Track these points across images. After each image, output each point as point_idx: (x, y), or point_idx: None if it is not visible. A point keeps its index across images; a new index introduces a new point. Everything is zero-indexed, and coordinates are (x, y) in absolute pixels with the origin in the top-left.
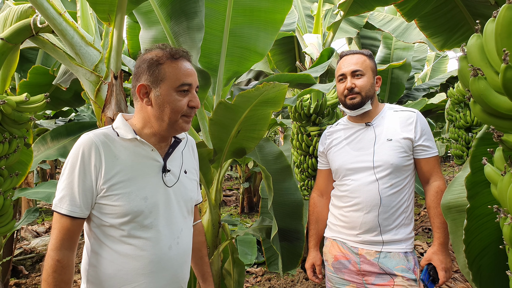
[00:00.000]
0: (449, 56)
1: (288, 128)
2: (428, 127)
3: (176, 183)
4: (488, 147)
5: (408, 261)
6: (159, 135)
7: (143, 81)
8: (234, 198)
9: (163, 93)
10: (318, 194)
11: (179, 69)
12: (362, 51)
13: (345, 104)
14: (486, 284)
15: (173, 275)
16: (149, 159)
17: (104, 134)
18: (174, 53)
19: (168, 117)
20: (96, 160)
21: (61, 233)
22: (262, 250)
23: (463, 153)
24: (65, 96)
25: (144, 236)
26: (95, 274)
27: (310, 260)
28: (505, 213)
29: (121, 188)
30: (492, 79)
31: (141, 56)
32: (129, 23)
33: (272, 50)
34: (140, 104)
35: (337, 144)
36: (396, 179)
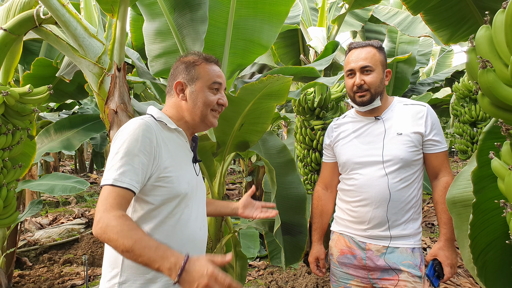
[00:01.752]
0: (454, 50)
1: (291, 122)
2: (438, 121)
3: (199, 173)
4: (496, 141)
5: (414, 257)
6: (191, 128)
7: (180, 79)
8: (237, 192)
9: (197, 90)
10: (322, 187)
11: (212, 70)
12: (372, 43)
13: (354, 100)
14: (491, 279)
15: (200, 254)
16: (185, 149)
17: (154, 122)
18: (208, 57)
19: (200, 110)
20: (155, 142)
21: (117, 199)
22: (264, 243)
23: (467, 148)
24: (69, 88)
25: (183, 217)
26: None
27: (314, 254)
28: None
29: (171, 172)
30: (501, 71)
31: (179, 59)
32: (133, 15)
33: (276, 43)
34: (174, 99)
35: (345, 137)
36: (405, 174)
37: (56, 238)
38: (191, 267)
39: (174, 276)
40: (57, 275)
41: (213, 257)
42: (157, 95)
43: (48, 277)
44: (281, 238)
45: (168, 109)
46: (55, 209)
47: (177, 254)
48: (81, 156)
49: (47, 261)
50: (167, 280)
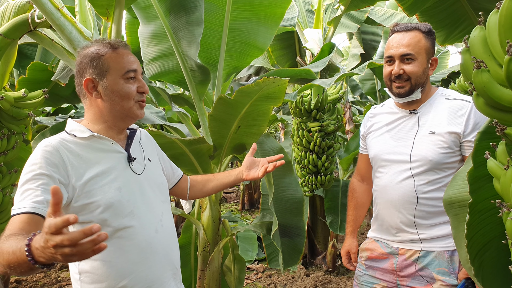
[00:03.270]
0: (450, 51)
1: (288, 124)
2: (484, 121)
3: (144, 170)
4: (491, 141)
5: (452, 262)
6: (115, 127)
7: (88, 76)
8: (234, 195)
9: (110, 83)
10: (358, 179)
11: (121, 57)
12: (419, 27)
13: (390, 90)
14: (488, 279)
15: (165, 257)
16: (112, 152)
17: (62, 139)
18: (113, 43)
19: (120, 105)
20: (59, 161)
21: (10, 228)
22: (263, 246)
23: None
24: (65, 92)
25: (129, 224)
26: (91, 280)
27: (346, 247)
28: (508, 208)
29: (93, 184)
30: (496, 71)
31: (81, 53)
32: (128, 18)
33: (272, 46)
34: (89, 100)
35: (377, 130)
36: (435, 176)
37: None
38: (34, 243)
39: (30, 264)
40: (54, 280)
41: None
42: (153, 99)
43: (45, 282)
44: (279, 241)
45: (86, 114)
46: None
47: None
48: None
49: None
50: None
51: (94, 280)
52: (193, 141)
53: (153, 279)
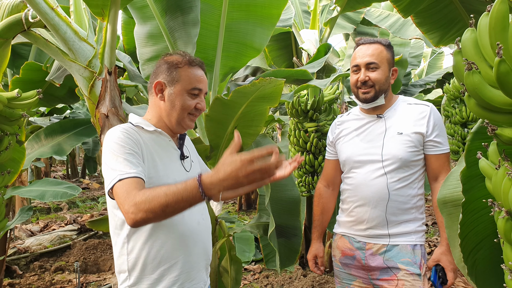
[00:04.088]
0: (445, 52)
1: (285, 124)
2: (441, 123)
3: (191, 168)
4: (483, 141)
5: (415, 255)
6: (169, 129)
7: (160, 79)
8: None
9: (176, 92)
10: (324, 184)
11: (194, 75)
12: (380, 40)
13: (357, 96)
14: (481, 277)
15: (203, 248)
16: (169, 148)
17: (130, 127)
18: (192, 60)
19: (177, 113)
20: (138, 143)
21: (130, 186)
22: (260, 247)
23: (459, 148)
24: (59, 92)
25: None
26: (137, 260)
27: (313, 252)
28: (499, 207)
29: (155, 172)
30: (486, 73)
31: (163, 58)
32: (124, 18)
33: (269, 46)
34: (153, 99)
35: (346, 135)
36: (404, 174)
37: (47, 245)
38: (215, 176)
39: (200, 197)
40: (48, 283)
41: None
42: None
43: (39, 285)
44: (276, 241)
45: (150, 109)
46: (46, 216)
47: (189, 182)
48: (73, 161)
49: (38, 269)
50: (175, 277)
51: (139, 261)
52: None
53: (191, 266)
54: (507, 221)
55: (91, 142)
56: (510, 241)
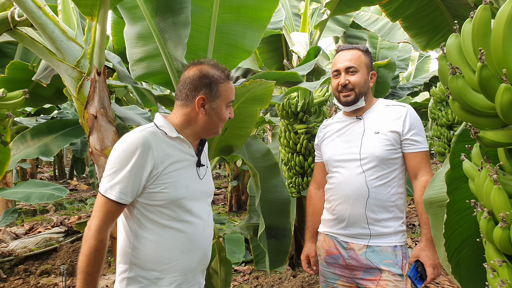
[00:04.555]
0: (431, 56)
1: (276, 126)
2: (419, 122)
3: (204, 176)
4: (467, 144)
5: (396, 256)
6: (197, 136)
7: (202, 94)
8: (222, 197)
9: (217, 107)
10: (315, 187)
11: (231, 89)
12: (358, 46)
13: (339, 100)
14: (465, 276)
15: (204, 253)
16: (187, 155)
17: (154, 132)
18: (228, 74)
19: (214, 124)
20: (150, 157)
21: (105, 216)
22: (250, 248)
23: (445, 150)
24: (46, 92)
25: (185, 219)
26: (138, 255)
27: (305, 252)
28: (481, 207)
29: (169, 178)
30: (470, 77)
31: (200, 69)
32: (114, 18)
33: (259, 48)
34: (190, 109)
35: (329, 137)
36: (382, 172)
37: (33, 248)
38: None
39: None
40: (34, 287)
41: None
42: (139, 100)
43: None
44: (266, 242)
45: (178, 117)
46: (32, 218)
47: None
48: (61, 162)
49: (23, 272)
50: (174, 277)
51: (142, 257)
52: None
53: (190, 269)
54: (489, 221)
55: (79, 143)
56: (491, 240)
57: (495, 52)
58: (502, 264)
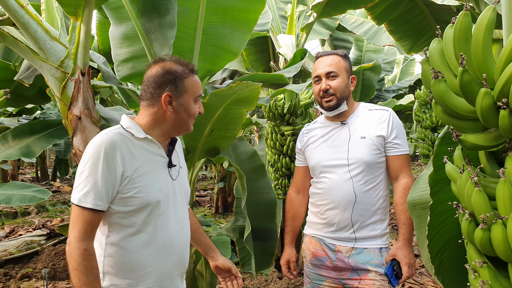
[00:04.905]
0: (416, 59)
1: (263, 127)
2: (400, 125)
3: (178, 176)
4: (449, 146)
5: (382, 257)
6: (167, 135)
7: (168, 91)
8: (208, 199)
9: (185, 103)
10: (295, 191)
11: (197, 83)
12: (337, 52)
13: (321, 105)
14: (447, 277)
15: (180, 257)
16: (158, 156)
17: (120, 134)
18: (192, 68)
19: (184, 121)
20: (119, 158)
21: (84, 225)
22: (236, 250)
23: (429, 152)
24: (29, 92)
25: (158, 223)
26: (113, 264)
27: (286, 257)
28: (463, 209)
29: (140, 182)
30: (451, 81)
31: (162, 66)
32: (99, 18)
33: (246, 50)
34: (157, 108)
35: (314, 142)
36: (369, 176)
37: (13, 251)
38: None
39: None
40: None
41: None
42: (124, 100)
43: None
44: (252, 244)
45: (145, 117)
46: (13, 221)
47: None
48: (43, 164)
49: (3, 276)
50: (150, 283)
51: (116, 265)
52: None
53: (166, 274)
54: (470, 223)
55: (63, 144)
56: (473, 241)
57: (476, 57)
58: (483, 265)
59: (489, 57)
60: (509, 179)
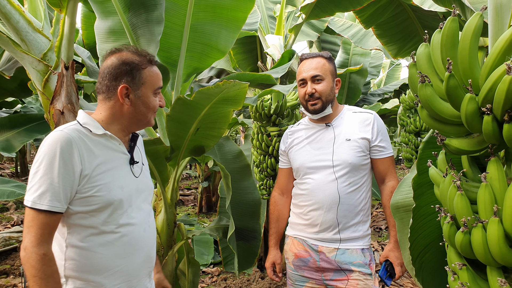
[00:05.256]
0: (402, 64)
1: (249, 127)
2: (384, 128)
3: (140, 173)
4: (433, 150)
5: (364, 257)
6: (126, 130)
7: (124, 83)
8: (192, 198)
9: (143, 95)
10: (279, 192)
11: (156, 75)
12: (322, 54)
13: (306, 109)
14: (427, 279)
15: (147, 255)
16: (118, 152)
17: (77, 130)
18: (151, 59)
19: (142, 114)
20: (76, 156)
21: (41, 229)
22: (219, 250)
23: (412, 156)
24: (9, 85)
25: (122, 222)
26: (73, 267)
27: (271, 259)
28: (445, 212)
29: (100, 180)
30: (438, 86)
31: (118, 57)
32: (84, 11)
33: (234, 49)
34: (114, 102)
35: (298, 143)
36: (353, 178)
37: None
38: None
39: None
40: None
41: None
42: None
43: None
44: (235, 244)
45: (102, 112)
46: None
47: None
48: (23, 159)
49: None
50: (116, 285)
51: (78, 268)
52: (149, 142)
53: (133, 274)
54: (451, 226)
55: None
56: (453, 244)
57: (462, 63)
58: (462, 267)
59: (475, 63)
60: (491, 183)
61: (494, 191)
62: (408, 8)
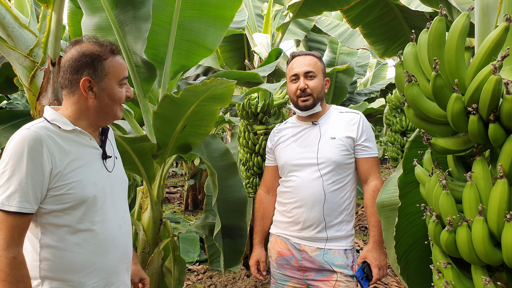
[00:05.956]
0: (389, 63)
1: (235, 126)
2: (370, 128)
3: (114, 168)
4: (419, 150)
5: (347, 258)
6: (95, 125)
7: (86, 76)
8: (178, 195)
9: (107, 87)
10: (264, 190)
11: (120, 64)
12: (313, 53)
13: (296, 105)
14: (413, 277)
15: (124, 251)
16: (90, 148)
17: (45, 127)
18: (113, 49)
19: (110, 107)
20: (46, 154)
21: (10, 231)
22: (205, 247)
23: (398, 155)
24: None
25: (97, 219)
26: (49, 267)
27: (255, 257)
28: (430, 211)
29: (73, 177)
30: (424, 85)
31: (78, 49)
32: (71, 8)
33: (221, 47)
34: (78, 96)
35: (284, 141)
36: (338, 176)
37: None
38: None
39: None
40: None
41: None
42: None
43: None
44: (221, 242)
45: (68, 107)
46: None
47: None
48: None
49: None
50: (94, 283)
51: (54, 269)
52: (136, 139)
53: (111, 271)
54: (437, 225)
55: None
56: (438, 243)
57: (448, 62)
58: (447, 266)
59: (461, 63)
60: (476, 183)
61: (479, 190)
62: (395, 8)
